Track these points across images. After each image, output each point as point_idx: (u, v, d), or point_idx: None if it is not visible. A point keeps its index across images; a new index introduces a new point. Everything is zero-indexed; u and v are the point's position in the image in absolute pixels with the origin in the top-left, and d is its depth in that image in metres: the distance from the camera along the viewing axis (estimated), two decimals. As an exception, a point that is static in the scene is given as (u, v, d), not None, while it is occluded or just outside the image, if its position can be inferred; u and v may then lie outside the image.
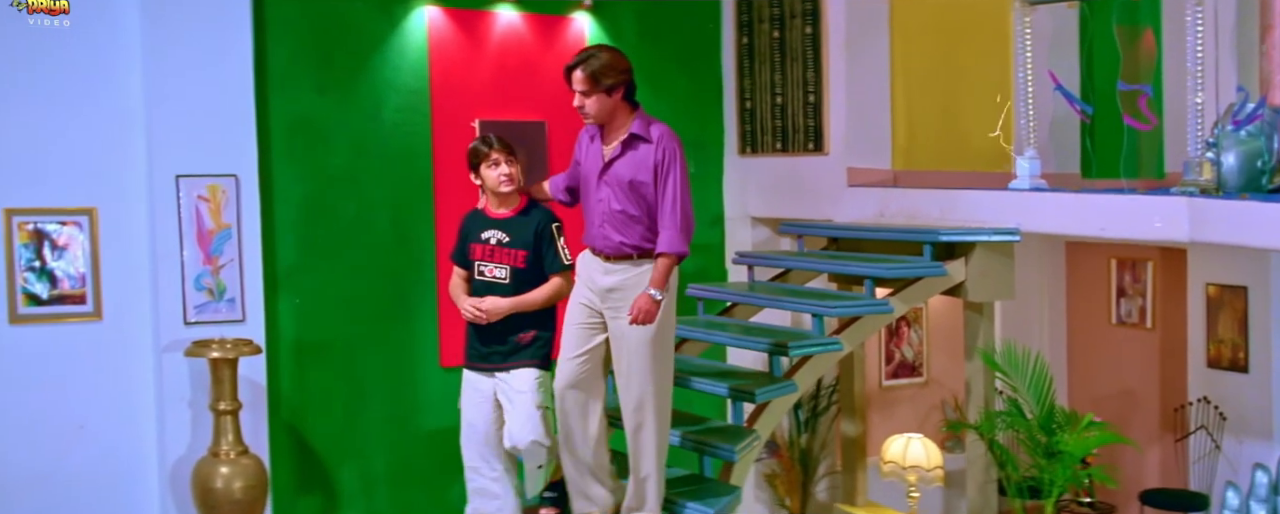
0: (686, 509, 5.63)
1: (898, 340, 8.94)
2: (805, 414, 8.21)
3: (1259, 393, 7.87)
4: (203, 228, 6.78)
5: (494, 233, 5.67)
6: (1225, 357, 8.12)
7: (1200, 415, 8.15)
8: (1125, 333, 8.94)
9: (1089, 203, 6.31)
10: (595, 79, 5.26)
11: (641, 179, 5.33)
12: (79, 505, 6.67)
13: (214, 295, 6.81)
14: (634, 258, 5.39)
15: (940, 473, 7.30)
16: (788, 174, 7.88)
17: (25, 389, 6.56)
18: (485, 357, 5.68)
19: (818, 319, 6.48)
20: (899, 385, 8.93)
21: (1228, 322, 8.12)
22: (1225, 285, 8.13)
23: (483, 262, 5.68)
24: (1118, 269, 9.02)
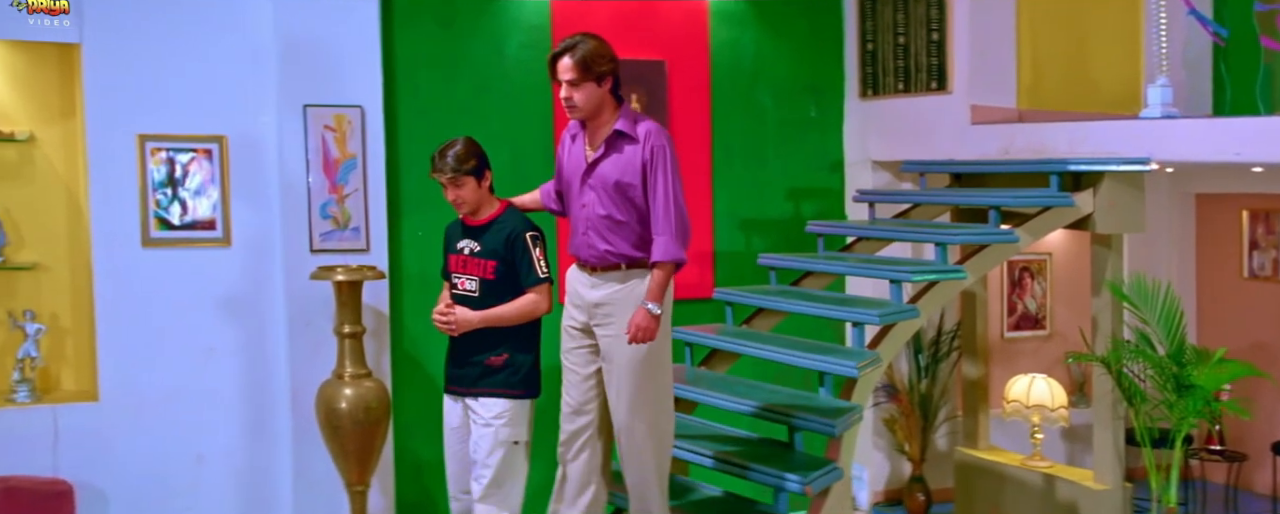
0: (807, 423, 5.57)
1: (1021, 292, 8.78)
2: (926, 359, 8.10)
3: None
4: (329, 157, 6.89)
5: (467, 242, 5.28)
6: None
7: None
8: (1257, 287, 8.69)
9: (1223, 127, 6.14)
10: (585, 67, 4.87)
11: (628, 181, 4.96)
12: (208, 425, 6.82)
13: (339, 224, 6.92)
14: (622, 269, 5.04)
15: (1065, 413, 7.14)
16: (909, 115, 7.78)
17: (157, 312, 6.72)
18: (456, 378, 5.34)
19: (940, 248, 6.40)
20: (1021, 338, 8.77)
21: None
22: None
23: (457, 273, 5.28)
24: (1250, 221, 8.77)
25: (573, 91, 4.92)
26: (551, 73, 4.96)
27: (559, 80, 4.94)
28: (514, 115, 7.43)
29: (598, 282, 5.09)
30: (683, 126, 7.80)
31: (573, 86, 4.91)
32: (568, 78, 4.90)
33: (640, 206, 5.01)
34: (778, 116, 8.10)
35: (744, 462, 5.48)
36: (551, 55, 4.95)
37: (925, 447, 8.08)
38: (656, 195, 4.97)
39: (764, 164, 8.07)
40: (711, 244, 7.93)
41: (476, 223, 5.26)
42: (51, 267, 6.85)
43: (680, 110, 7.79)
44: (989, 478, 7.30)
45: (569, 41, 4.93)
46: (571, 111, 5.01)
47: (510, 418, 5.20)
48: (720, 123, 7.93)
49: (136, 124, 6.64)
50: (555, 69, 4.94)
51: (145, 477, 6.68)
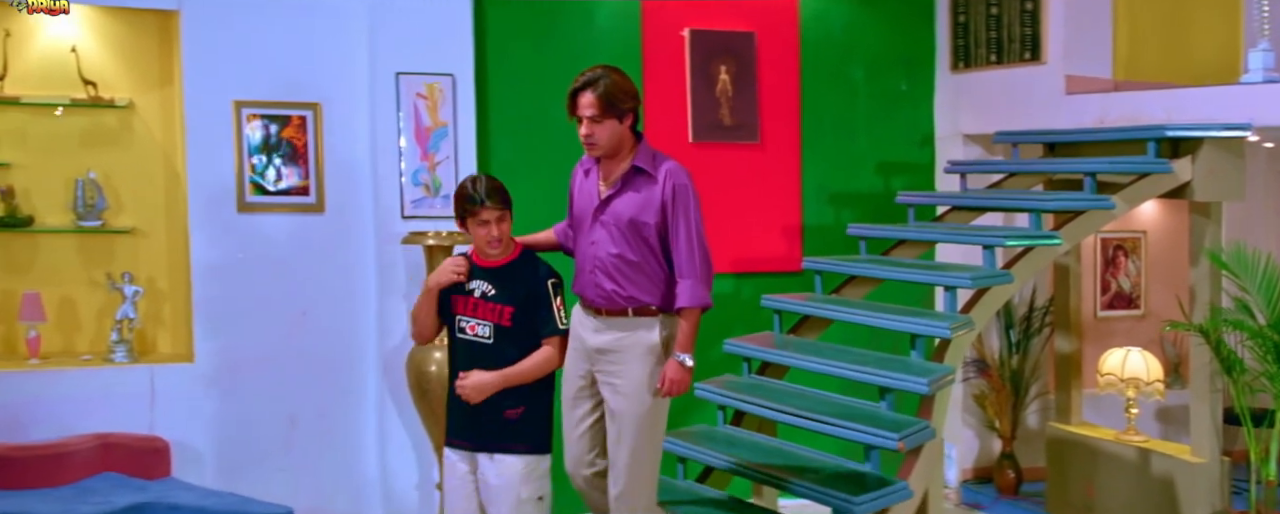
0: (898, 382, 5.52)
1: (1114, 270, 8.64)
2: (1017, 335, 7.99)
3: None
4: (420, 125, 6.95)
5: (480, 284, 4.79)
6: None
7: None
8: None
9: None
10: (608, 103, 4.63)
11: (644, 219, 4.73)
12: (299, 387, 6.90)
13: (430, 191, 6.98)
14: (628, 315, 4.78)
15: (1160, 387, 7.01)
16: (1001, 87, 7.68)
17: (252, 276, 6.82)
18: (466, 433, 4.88)
19: (1034, 216, 6.31)
20: (1115, 317, 8.62)
21: None
22: None
23: (465, 316, 4.82)
24: (1355, 199, 8.57)
25: (594, 128, 4.67)
26: (570, 107, 4.71)
27: (579, 116, 4.69)
28: (603, 86, 7.44)
29: (601, 326, 4.83)
30: (772, 99, 7.77)
31: (594, 123, 4.66)
32: (589, 113, 4.65)
33: (654, 247, 4.78)
34: (868, 90, 8.04)
35: (835, 420, 5.43)
36: (572, 90, 4.70)
37: (1016, 424, 7.98)
38: (679, 237, 4.74)
39: (853, 138, 8.02)
40: (800, 218, 7.88)
41: (493, 264, 4.84)
42: (149, 231, 6.98)
43: (769, 82, 7.76)
44: (1082, 453, 7.18)
45: (590, 75, 4.69)
46: (591, 149, 4.75)
47: (532, 475, 4.81)
48: (809, 96, 7.88)
49: (233, 91, 6.75)
50: (575, 104, 4.69)
51: (238, 437, 6.78)
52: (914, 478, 5.26)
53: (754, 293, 7.27)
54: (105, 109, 6.81)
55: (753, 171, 7.76)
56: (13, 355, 6.74)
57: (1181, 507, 6.56)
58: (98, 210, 6.79)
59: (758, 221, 7.79)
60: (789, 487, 5.36)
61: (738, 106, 7.67)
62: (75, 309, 6.89)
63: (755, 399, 5.91)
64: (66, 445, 6.23)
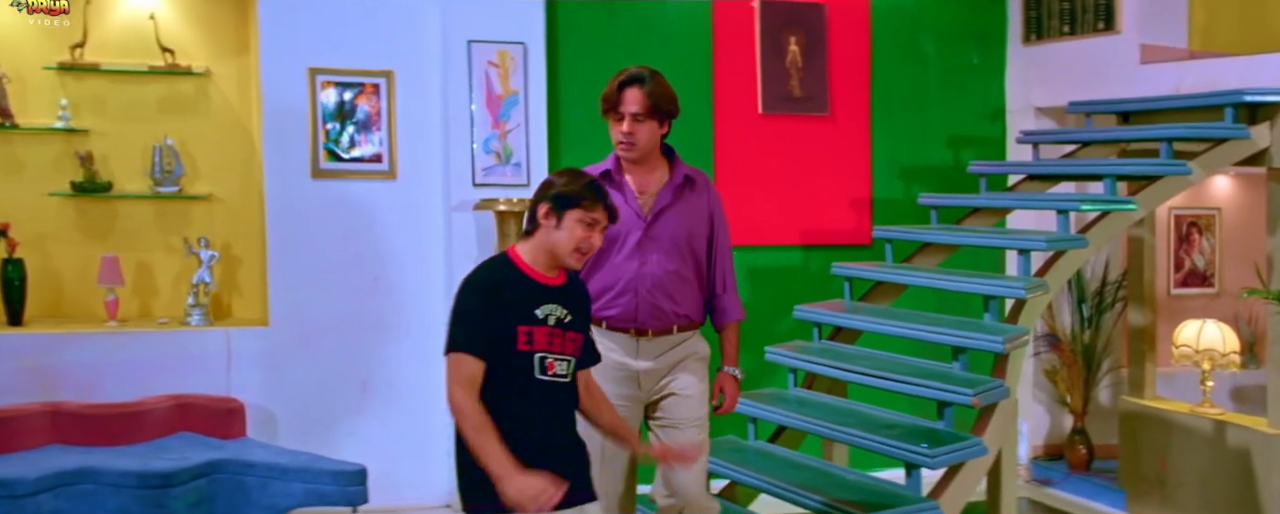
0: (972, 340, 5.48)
1: (1188, 247, 8.53)
2: (1089, 310, 7.91)
3: None
4: (492, 93, 6.99)
5: (553, 308, 3.80)
6: None
7: None
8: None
9: None
10: (655, 103, 4.35)
11: (700, 231, 4.50)
12: (371, 352, 6.97)
13: (501, 159, 7.02)
14: (674, 331, 4.49)
15: (1236, 358, 6.91)
16: (1074, 58, 7.62)
17: (325, 241, 6.90)
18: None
19: (1110, 181, 6.25)
20: (1188, 295, 8.51)
21: None
22: None
23: (546, 352, 3.78)
24: None
25: (636, 128, 4.36)
26: (611, 103, 4.39)
27: (621, 113, 4.38)
28: (674, 56, 7.42)
29: (647, 347, 4.47)
30: (842, 71, 7.75)
31: (637, 122, 4.36)
32: (634, 110, 4.35)
33: (700, 260, 4.55)
34: (938, 63, 8.01)
35: (908, 378, 5.41)
36: (617, 83, 4.38)
37: (1088, 399, 7.90)
38: (721, 249, 4.58)
39: (924, 111, 7.98)
40: (869, 191, 7.86)
41: (556, 282, 3.86)
42: (225, 197, 7.08)
43: (839, 54, 7.74)
44: (1155, 426, 7.09)
45: (637, 73, 4.40)
46: (628, 150, 4.41)
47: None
48: (880, 68, 7.86)
49: (308, 59, 6.82)
50: (620, 99, 4.36)
51: (312, 400, 6.86)
52: (988, 436, 5.22)
53: (823, 265, 7.24)
54: (183, 76, 6.92)
55: (822, 144, 7.74)
56: (91, 318, 6.85)
57: (1258, 479, 6.45)
58: (175, 176, 6.89)
59: (826, 194, 7.77)
60: (862, 442, 5.33)
61: (807, 78, 7.66)
62: (152, 273, 7.00)
63: (826, 361, 5.90)
64: (143, 405, 6.32)
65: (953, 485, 5.10)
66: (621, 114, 4.38)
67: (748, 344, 7.09)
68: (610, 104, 4.40)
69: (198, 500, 5.80)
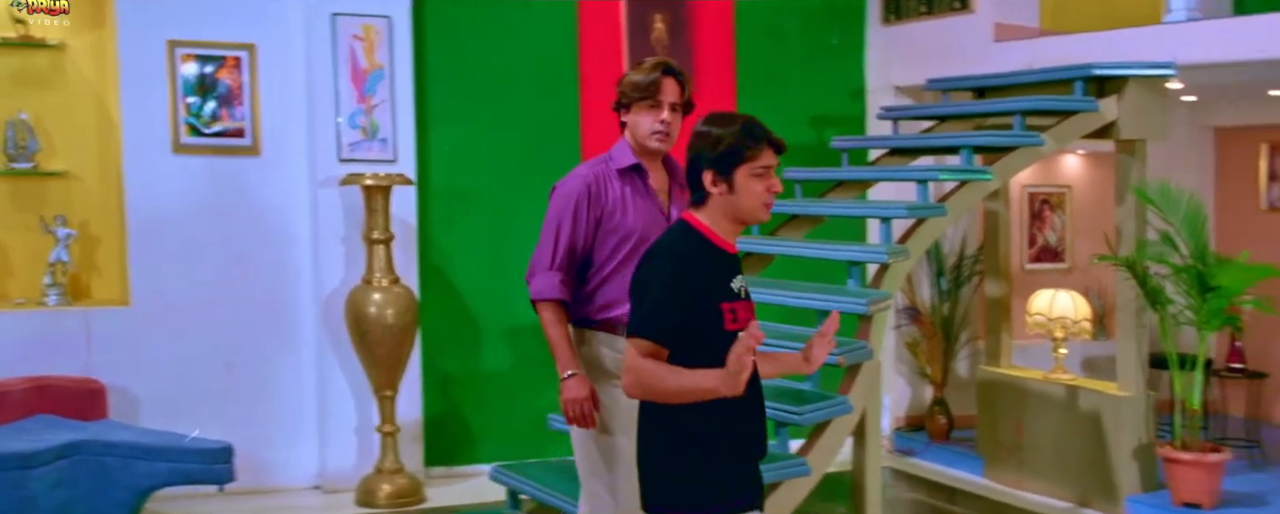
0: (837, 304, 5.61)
1: (1041, 224, 8.81)
2: (948, 283, 8.13)
3: None
4: (357, 67, 6.94)
5: (742, 280, 3.35)
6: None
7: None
8: (1277, 218, 8.73)
9: (1245, 25, 6.20)
10: (688, 97, 4.12)
11: None
12: (238, 331, 6.89)
13: (367, 134, 6.97)
14: None
15: (1088, 326, 7.18)
16: (932, 37, 7.82)
17: (187, 219, 6.79)
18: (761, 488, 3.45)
19: (967, 153, 6.44)
20: (1042, 270, 8.79)
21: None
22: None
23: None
24: (1269, 153, 8.80)
25: (674, 119, 4.07)
26: (649, 90, 4.03)
27: (660, 101, 4.04)
28: (540, 34, 7.48)
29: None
30: (707, 51, 7.85)
31: (675, 112, 4.07)
32: (673, 99, 4.05)
33: None
34: (801, 43, 8.15)
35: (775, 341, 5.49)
36: (655, 70, 4.05)
37: (947, 371, 8.12)
38: None
39: (787, 91, 8.11)
40: (735, 168, 7.95)
41: (735, 250, 3.39)
42: (82, 174, 6.91)
43: (704, 34, 7.84)
44: (1011, 394, 7.32)
45: (667, 61, 4.11)
46: (664, 141, 4.07)
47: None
48: (744, 48, 7.97)
49: (166, 30, 6.71)
50: (661, 88, 4.03)
51: (175, 381, 6.74)
52: (853, 395, 5.36)
53: (690, 239, 7.34)
54: (36, 49, 6.73)
55: (689, 122, 7.76)
56: (-58, 299, 6.65)
57: (1108, 440, 6.70)
58: (29, 153, 6.70)
59: (693, 171, 7.84)
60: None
61: (673, 55, 7.72)
62: (7, 253, 6.80)
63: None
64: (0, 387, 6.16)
65: (819, 443, 5.22)
66: (659, 102, 4.04)
67: (617, 317, 7.17)
68: (646, 92, 4.03)
69: (58, 482, 5.64)
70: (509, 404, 7.46)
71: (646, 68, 4.09)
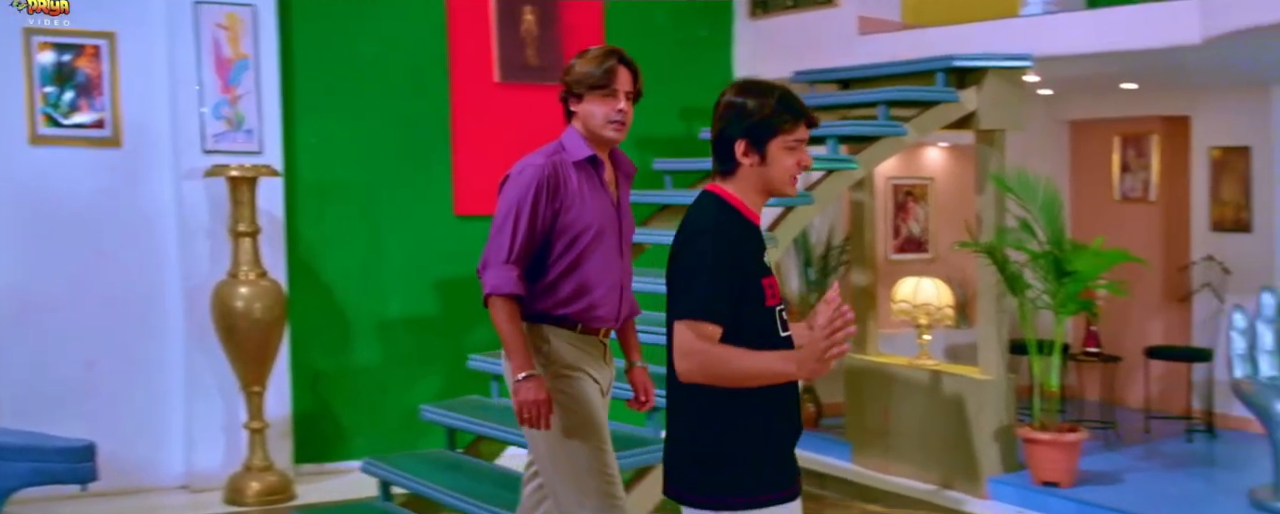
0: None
1: (905, 216, 9.01)
2: (816, 273, 8.27)
3: (1262, 250, 8.01)
4: (221, 56, 6.82)
5: (771, 253, 3.44)
6: (1228, 218, 8.25)
7: (1204, 274, 8.26)
8: (1129, 208, 9.04)
9: (1098, 18, 6.42)
10: (640, 87, 4.04)
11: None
12: (101, 327, 6.73)
13: (232, 125, 6.86)
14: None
15: (951, 312, 7.36)
16: (798, 30, 7.96)
17: (45, 213, 6.61)
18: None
19: (833, 142, 6.55)
20: (906, 260, 8.99)
21: (1231, 184, 8.25)
22: (1228, 147, 8.26)
23: (782, 304, 3.22)
24: (1121, 145, 9.12)
25: (629, 107, 3.98)
26: (604, 80, 3.92)
27: (614, 90, 3.94)
28: (408, 23, 7.43)
29: (603, 351, 4.10)
30: (577, 41, 7.84)
31: (630, 101, 3.99)
32: (628, 88, 3.97)
33: None
34: (671, 35, 8.22)
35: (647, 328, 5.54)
36: (610, 60, 3.94)
37: (815, 358, 8.23)
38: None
39: (657, 81, 7.97)
40: (605, 160, 8.00)
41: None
42: (-68, 166, 6.69)
43: (573, 24, 7.86)
44: (878, 380, 7.47)
45: (620, 51, 4.00)
46: (620, 131, 3.97)
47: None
48: (614, 39, 7.99)
49: (22, 17, 6.48)
50: (616, 77, 3.94)
51: (34, 380, 6.56)
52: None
53: (562, 231, 7.37)
54: (-118, 37, 6.50)
55: (559, 112, 7.79)
56: None
57: (971, 423, 6.88)
58: (-125, 144, 6.47)
59: (564, 163, 7.86)
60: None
61: (543, 47, 7.75)
62: None
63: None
64: None
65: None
66: (614, 91, 3.93)
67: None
68: (601, 81, 3.91)
69: (-89, 484, 5.47)
70: (380, 399, 7.40)
71: (596, 56, 3.96)
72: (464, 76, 7.56)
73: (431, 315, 7.53)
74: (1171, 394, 8.50)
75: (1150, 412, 8.29)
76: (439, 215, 7.54)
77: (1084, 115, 9.19)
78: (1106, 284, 6.77)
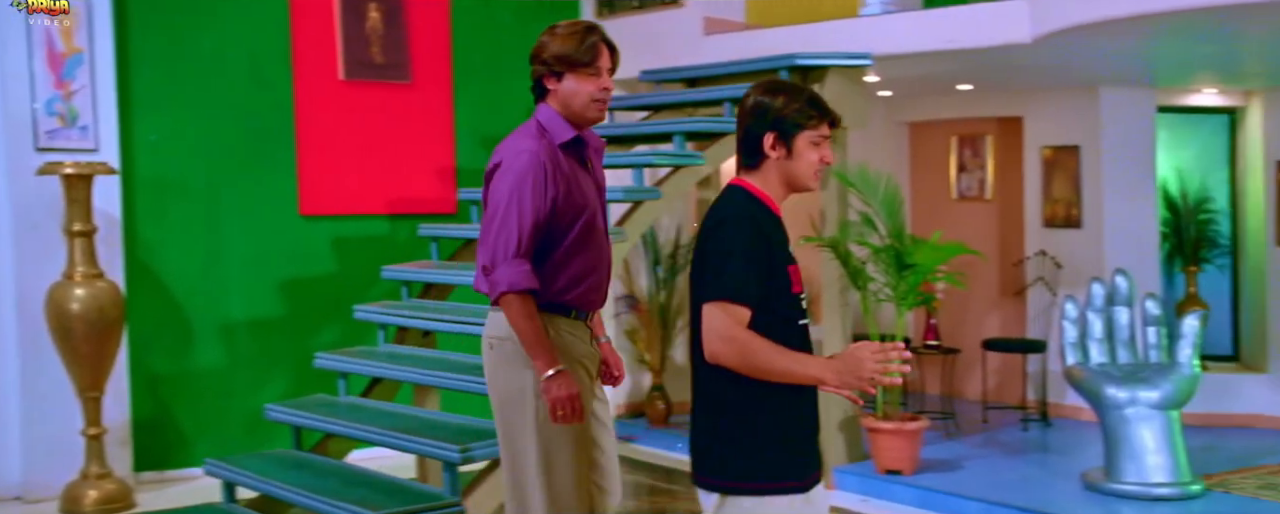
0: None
1: (750, 214, 9.13)
2: (664, 272, 8.34)
3: (1091, 244, 8.32)
4: (54, 50, 6.62)
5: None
6: (1059, 215, 8.54)
7: (1037, 268, 8.55)
8: (966, 206, 9.32)
9: (935, 17, 6.60)
10: (615, 63, 3.95)
11: None
12: (-76, 330, 6.46)
13: (66, 122, 6.66)
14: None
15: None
16: (645, 31, 8.03)
17: None
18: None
19: (679, 138, 6.63)
20: (752, 258, 9.11)
21: (1062, 181, 8.55)
22: (1059, 147, 8.57)
23: (804, 292, 3.30)
24: (958, 146, 9.39)
25: (610, 85, 3.93)
26: (589, 58, 3.82)
27: (598, 68, 3.85)
28: (250, 17, 7.30)
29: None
30: (423, 39, 7.83)
31: (611, 77, 3.93)
32: (609, 66, 3.90)
33: None
34: (517, 34, 8.18)
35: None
36: (595, 37, 3.85)
37: (664, 357, 8.32)
38: None
39: (505, 80, 8.15)
40: (454, 159, 7.97)
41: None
42: None
43: (419, 22, 7.82)
44: (727, 375, 7.55)
45: (597, 26, 3.93)
46: (602, 110, 3.91)
47: None
48: (460, 38, 7.99)
49: None
50: (600, 54, 3.86)
51: None
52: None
53: (410, 233, 7.35)
54: None
55: (406, 112, 7.78)
56: None
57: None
58: None
59: (412, 162, 7.82)
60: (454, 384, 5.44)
61: (388, 45, 7.68)
62: None
63: (415, 313, 5.99)
64: None
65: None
66: (598, 69, 3.84)
67: (337, 310, 7.09)
68: (584, 58, 3.81)
69: None
70: (224, 403, 7.25)
71: (576, 33, 3.83)
72: (308, 74, 7.46)
73: (276, 316, 7.40)
74: (1008, 385, 8.78)
75: (987, 402, 8.56)
76: (283, 215, 7.42)
77: (922, 117, 9.44)
78: (946, 276, 6.96)
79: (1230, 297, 8.87)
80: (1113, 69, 7.67)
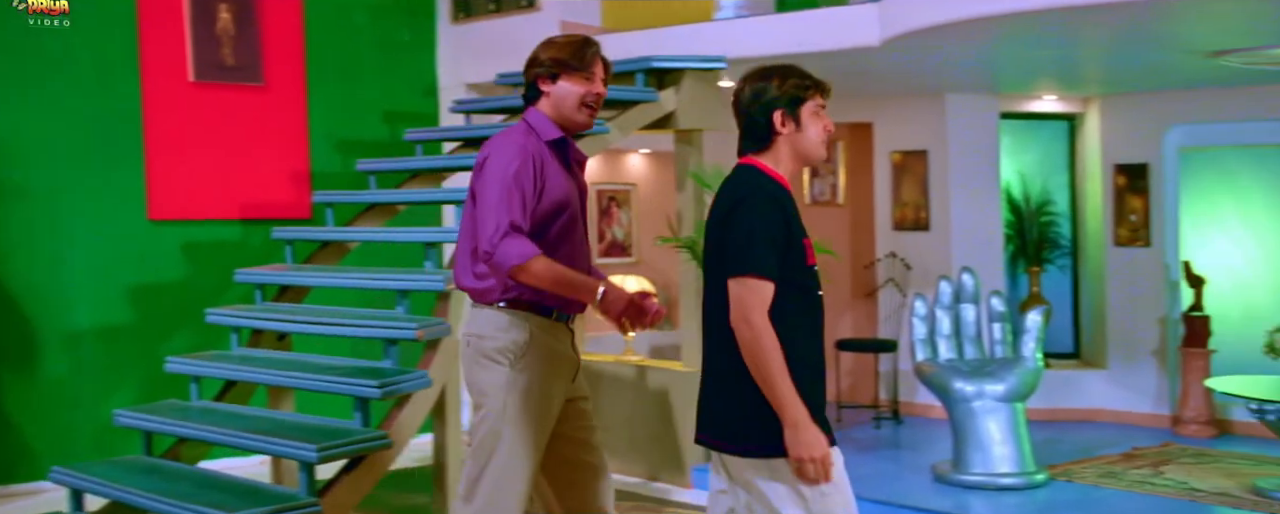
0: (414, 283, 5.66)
1: (609, 220, 9.20)
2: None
3: (939, 246, 8.55)
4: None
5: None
6: (908, 218, 8.76)
7: (888, 270, 8.76)
8: (819, 211, 9.49)
9: (786, 21, 6.73)
10: (607, 76, 4.04)
11: None
12: None
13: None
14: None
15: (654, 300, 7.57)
16: (500, 34, 8.05)
17: None
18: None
19: (537, 140, 6.64)
20: (611, 264, 9.19)
21: (910, 185, 8.78)
22: (908, 151, 8.79)
23: (815, 267, 3.43)
24: (812, 151, 9.56)
25: (604, 92, 4.00)
26: (582, 64, 3.92)
27: (591, 74, 3.94)
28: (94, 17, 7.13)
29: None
30: (275, 41, 7.73)
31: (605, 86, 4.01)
32: (603, 75, 3.99)
33: None
34: (372, 37, 8.17)
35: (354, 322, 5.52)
36: (588, 48, 3.95)
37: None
38: None
39: (360, 85, 8.12)
40: (308, 163, 7.87)
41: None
42: None
43: (272, 24, 7.72)
44: (586, 378, 7.57)
45: (597, 42, 4.01)
46: (591, 115, 3.97)
47: None
48: (314, 40, 7.91)
49: None
50: (594, 62, 3.95)
51: None
52: (433, 369, 5.41)
53: (264, 238, 7.25)
54: None
55: (258, 115, 7.67)
56: None
57: (675, 415, 7.08)
58: None
59: (265, 166, 7.71)
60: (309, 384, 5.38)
61: (240, 47, 7.57)
62: None
63: (269, 315, 5.91)
64: None
65: (401, 417, 5.25)
66: (592, 74, 3.93)
67: (188, 316, 6.95)
68: (580, 64, 3.90)
69: None
70: (70, 413, 7.05)
71: (574, 42, 3.94)
72: (156, 75, 7.31)
73: (125, 323, 7.22)
74: (860, 385, 8.97)
75: (841, 402, 8.73)
76: (130, 219, 7.26)
77: (776, 123, 9.59)
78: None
79: (1071, 296, 9.20)
80: (958, 76, 7.91)
